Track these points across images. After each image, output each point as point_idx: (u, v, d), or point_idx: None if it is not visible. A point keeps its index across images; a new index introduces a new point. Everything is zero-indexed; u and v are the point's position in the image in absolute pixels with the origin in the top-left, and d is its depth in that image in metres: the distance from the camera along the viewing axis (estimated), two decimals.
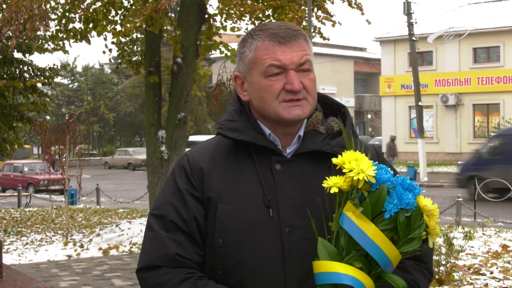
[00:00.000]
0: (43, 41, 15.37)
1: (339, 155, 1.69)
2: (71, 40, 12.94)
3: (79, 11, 11.88)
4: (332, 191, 1.66)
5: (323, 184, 1.69)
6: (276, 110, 1.84)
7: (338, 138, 1.90)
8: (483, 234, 11.88)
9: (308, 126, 1.93)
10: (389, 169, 1.85)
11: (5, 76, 16.41)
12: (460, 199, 13.95)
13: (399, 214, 1.62)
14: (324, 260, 1.65)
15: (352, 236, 1.62)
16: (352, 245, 1.65)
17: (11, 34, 11.33)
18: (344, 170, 1.65)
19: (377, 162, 1.70)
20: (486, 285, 7.74)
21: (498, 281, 7.97)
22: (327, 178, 1.69)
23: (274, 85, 1.84)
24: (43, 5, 10.98)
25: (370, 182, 1.64)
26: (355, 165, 1.64)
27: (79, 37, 12.75)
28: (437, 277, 7.60)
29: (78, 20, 12.51)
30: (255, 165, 1.87)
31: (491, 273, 8.41)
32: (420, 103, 27.44)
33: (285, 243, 1.80)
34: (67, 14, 12.45)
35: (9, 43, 11.32)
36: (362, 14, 12.96)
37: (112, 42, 12.88)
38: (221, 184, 1.86)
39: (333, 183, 1.66)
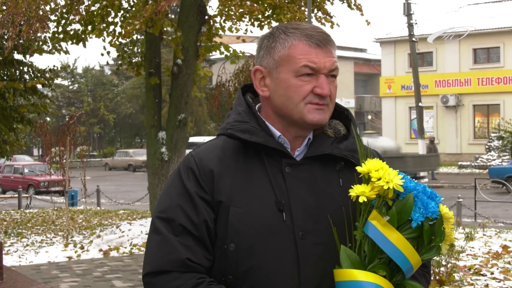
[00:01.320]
0: (41, 43, 15.37)
1: (363, 163, 1.68)
2: (69, 42, 12.95)
3: (77, 16, 11.89)
4: (361, 200, 1.64)
5: (349, 194, 1.67)
6: (302, 111, 1.82)
7: (345, 141, 1.89)
8: (484, 234, 11.88)
9: (316, 130, 1.91)
10: None
11: (5, 77, 16.42)
12: (461, 200, 13.95)
13: (424, 222, 1.62)
14: (347, 269, 1.64)
15: (378, 244, 1.62)
16: (375, 253, 1.64)
17: (14, 36, 11.32)
18: (372, 179, 1.64)
19: (398, 170, 1.69)
20: (487, 285, 7.74)
21: (499, 282, 7.97)
22: (353, 185, 1.68)
23: (304, 86, 1.82)
24: (42, 7, 10.99)
25: (397, 191, 1.63)
26: (383, 174, 1.63)
27: (75, 40, 12.77)
28: (437, 277, 7.60)
29: (77, 21, 12.52)
30: (266, 168, 1.84)
31: (492, 273, 8.41)
32: (420, 104, 27.46)
33: (299, 248, 1.78)
34: (65, 16, 12.47)
35: (6, 44, 11.31)
36: (362, 14, 12.97)
37: (110, 43, 12.88)
38: (232, 187, 1.82)
39: (360, 192, 1.65)
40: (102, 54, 14.03)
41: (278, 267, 1.78)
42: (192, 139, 35.99)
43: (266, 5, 12.09)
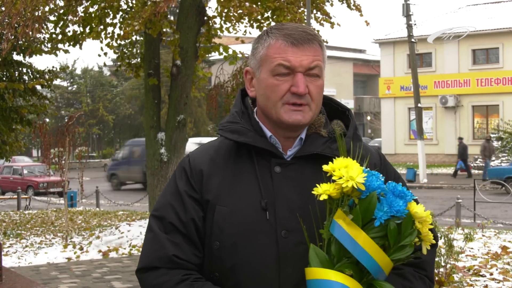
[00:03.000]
0: (39, 44, 15.36)
1: (330, 162, 1.68)
2: (66, 44, 12.95)
3: (75, 17, 11.88)
4: (321, 198, 1.64)
5: (312, 192, 1.67)
6: (278, 111, 1.83)
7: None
8: (483, 235, 11.88)
9: (310, 129, 1.91)
10: (392, 173, 1.83)
11: (4, 78, 16.40)
12: (460, 201, 13.96)
13: (390, 221, 1.61)
14: (315, 267, 1.64)
15: (343, 243, 1.61)
16: (343, 252, 1.64)
17: (10, 36, 11.32)
18: (333, 178, 1.64)
19: (368, 169, 1.68)
20: (486, 286, 7.74)
21: (498, 283, 7.97)
22: (317, 185, 1.68)
23: (281, 85, 1.83)
24: (41, 7, 10.98)
25: (360, 189, 1.62)
26: (345, 172, 1.63)
27: (73, 42, 12.76)
28: (436, 278, 7.60)
29: (75, 22, 12.51)
30: (255, 168, 1.86)
31: (491, 274, 8.41)
32: (419, 105, 27.45)
33: (280, 247, 1.80)
34: (63, 17, 12.46)
35: (2, 45, 11.29)
36: (361, 15, 12.96)
37: (107, 45, 12.87)
38: (219, 186, 1.86)
39: (323, 190, 1.65)
40: (99, 55, 14.03)
41: (260, 265, 1.80)
42: (191, 140, 35.95)
43: (264, 6, 12.08)
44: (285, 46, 1.83)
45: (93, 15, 12.39)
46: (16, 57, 16.61)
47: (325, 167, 1.68)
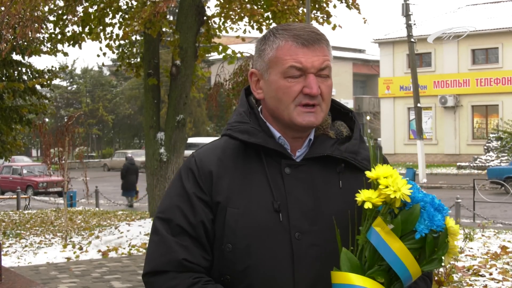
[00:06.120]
0: (38, 45, 15.35)
1: (372, 169, 1.66)
2: (66, 44, 12.96)
3: (75, 17, 11.89)
4: (366, 207, 1.62)
5: (356, 198, 1.66)
6: (291, 113, 1.82)
7: (347, 143, 1.89)
8: (482, 235, 11.88)
9: (318, 130, 1.91)
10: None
11: (3, 78, 16.40)
12: (460, 201, 13.96)
13: (428, 234, 1.61)
14: (345, 272, 1.63)
15: (379, 251, 1.61)
16: (376, 259, 1.63)
17: (10, 36, 11.33)
18: (380, 186, 1.62)
19: (408, 179, 1.67)
20: (485, 286, 7.74)
21: (497, 282, 7.97)
22: (356, 188, 1.67)
23: (293, 87, 1.81)
24: (40, 7, 10.98)
25: (404, 201, 1.61)
26: (392, 182, 1.61)
27: (72, 42, 12.77)
28: (436, 278, 7.60)
29: (74, 22, 12.52)
30: (265, 169, 1.84)
31: (490, 274, 8.42)
32: (419, 105, 27.46)
33: (294, 248, 1.79)
34: (63, 17, 12.47)
35: (2, 45, 11.29)
36: (359, 13, 12.93)
37: (107, 46, 12.88)
38: (230, 188, 1.83)
39: (366, 198, 1.63)
40: (98, 55, 14.04)
41: (274, 267, 1.79)
42: (191, 140, 35.97)
43: (265, 7, 12.08)
44: (295, 48, 1.81)
45: (92, 15, 12.39)
46: (15, 56, 16.61)
47: (368, 174, 1.66)
